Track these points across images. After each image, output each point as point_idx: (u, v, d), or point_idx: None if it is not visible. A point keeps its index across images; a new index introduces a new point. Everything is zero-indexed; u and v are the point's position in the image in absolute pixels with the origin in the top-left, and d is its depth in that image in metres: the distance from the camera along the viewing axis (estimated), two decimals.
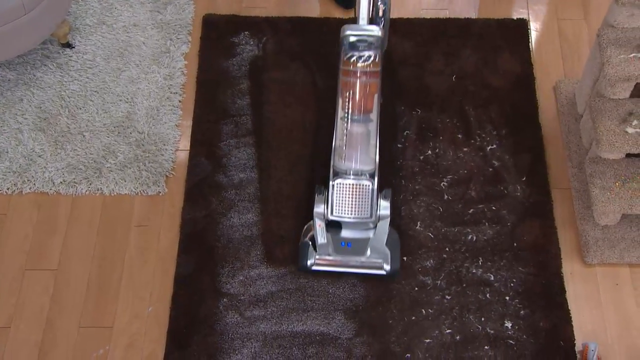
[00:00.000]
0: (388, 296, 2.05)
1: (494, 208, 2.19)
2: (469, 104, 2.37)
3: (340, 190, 1.98)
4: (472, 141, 2.30)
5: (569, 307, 2.02)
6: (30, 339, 2.01)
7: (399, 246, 2.07)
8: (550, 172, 2.26)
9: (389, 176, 2.23)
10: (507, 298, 2.04)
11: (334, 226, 2.03)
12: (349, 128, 1.96)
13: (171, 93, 2.41)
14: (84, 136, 2.33)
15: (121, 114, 2.38)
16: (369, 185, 1.97)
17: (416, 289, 2.06)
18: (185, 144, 2.34)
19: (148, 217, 2.22)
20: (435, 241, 2.14)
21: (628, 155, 2.01)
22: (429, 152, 2.30)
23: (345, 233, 2.05)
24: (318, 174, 2.23)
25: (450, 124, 2.34)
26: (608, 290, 2.05)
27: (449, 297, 2.05)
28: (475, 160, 2.27)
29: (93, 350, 2.00)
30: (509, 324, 2.00)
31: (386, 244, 2.04)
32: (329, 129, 2.15)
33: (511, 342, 1.97)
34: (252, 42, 2.51)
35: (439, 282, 2.07)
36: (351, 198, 1.98)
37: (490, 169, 2.25)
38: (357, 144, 1.96)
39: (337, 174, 1.98)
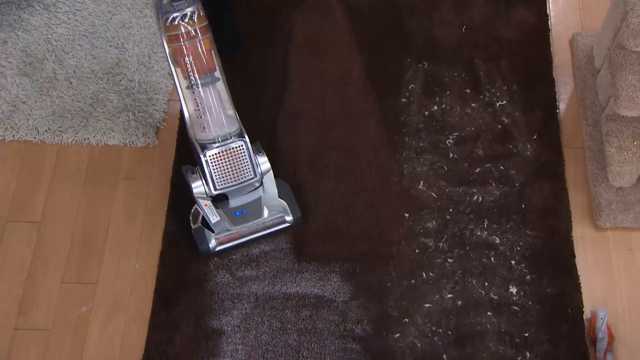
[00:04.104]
0: (386, 258, 1.96)
1: (502, 168, 2.08)
2: (479, 57, 2.27)
3: (215, 162, 1.85)
4: (481, 97, 2.20)
5: (578, 273, 1.93)
6: (10, 294, 1.94)
7: (292, 193, 2.03)
8: (563, 130, 2.16)
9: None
10: (513, 262, 1.95)
11: (219, 200, 1.96)
12: (198, 95, 1.80)
13: None
14: (70, 83, 2.22)
15: (111, 60, 2.27)
16: (242, 145, 1.86)
17: (417, 251, 1.97)
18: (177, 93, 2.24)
19: (137, 170, 2.12)
20: (438, 201, 2.04)
21: None
22: (435, 107, 2.19)
23: (234, 202, 1.97)
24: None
25: (458, 78, 2.23)
26: (620, 255, 1.96)
27: (451, 261, 1.95)
28: (484, 116, 2.16)
29: (76, 307, 1.92)
30: (513, 290, 1.91)
31: (280, 196, 1.99)
32: None
33: (516, 308, 1.88)
34: None
35: (441, 244, 1.98)
36: (229, 165, 1.87)
37: (500, 127, 2.15)
38: (213, 109, 1.82)
39: (204, 147, 1.85)
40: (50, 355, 1.86)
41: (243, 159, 1.87)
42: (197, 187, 1.88)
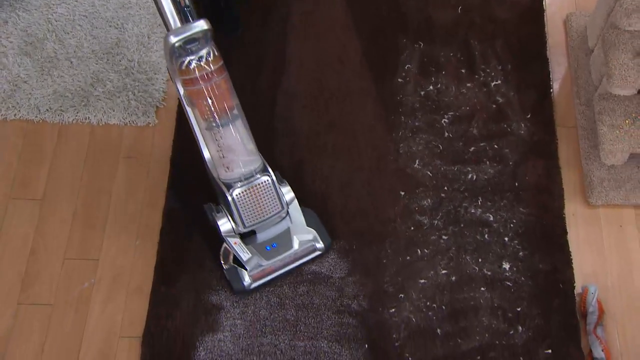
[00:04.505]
0: (382, 235, 1.99)
1: (496, 146, 2.11)
2: (474, 37, 2.28)
3: (242, 200, 1.80)
4: (476, 76, 2.21)
5: (570, 249, 1.96)
6: (13, 270, 1.97)
7: (319, 220, 1.97)
8: (556, 109, 2.17)
9: (388, 109, 2.15)
10: (506, 239, 1.97)
11: (246, 236, 1.92)
12: (220, 136, 1.73)
13: None
14: (71, 62, 2.24)
15: (110, 40, 2.28)
16: (267, 180, 1.81)
17: (412, 228, 2.00)
18: None
19: (137, 149, 2.14)
20: (433, 180, 2.07)
21: None
22: (431, 87, 2.21)
23: (262, 236, 1.93)
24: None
25: (453, 58, 2.24)
26: (611, 232, 1.99)
27: (445, 238, 1.98)
28: (479, 96, 2.18)
29: (78, 283, 1.95)
30: (507, 266, 1.94)
31: (307, 224, 1.94)
32: None
33: (508, 283, 1.91)
34: None
35: (436, 221, 2.01)
36: (256, 201, 1.81)
37: (494, 106, 2.17)
38: (235, 148, 1.76)
39: (229, 186, 1.79)
40: (53, 329, 1.89)
41: (269, 194, 1.82)
42: (224, 224, 1.85)
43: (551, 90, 2.21)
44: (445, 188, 2.06)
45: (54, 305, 1.92)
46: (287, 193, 1.89)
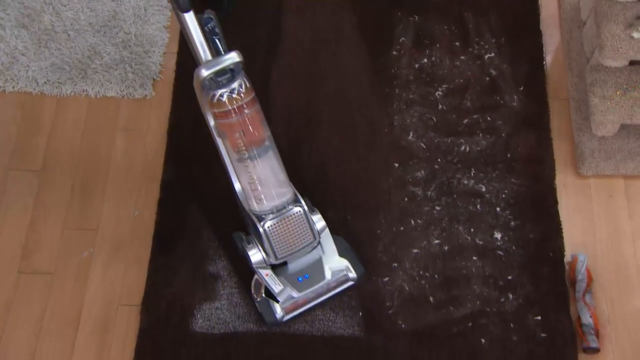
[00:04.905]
0: (377, 207, 2.02)
1: (489, 118, 2.13)
2: (469, 10, 2.29)
3: (274, 232, 1.75)
4: (470, 49, 2.23)
5: (560, 219, 1.99)
6: (13, 239, 2.00)
7: (351, 248, 1.92)
8: (549, 81, 2.19)
9: (381, 85, 2.17)
10: (498, 209, 2.01)
11: (277, 266, 1.86)
12: (252, 168, 1.69)
13: None
14: (68, 35, 2.25)
15: (107, 13, 2.29)
16: (299, 211, 1.77)
17: (406, 199, 2.03)
18: (173, 46, 2.27)
19: (135, 121, 2.17)
20: (427, 152, 2.09)
21: (631, 63, 1.93)
22: (425, 60, 2.22)
23: (293, 267, 1.87)
24: None
25: (448, 31, 2.26)
26: (601, 202, 2.02)
27: (438, 208, 2.01)
28: (472, 69, 2.20)
29: (77, 252, 1.98)
30: (498, 235, 1.97)
31: (339, 253, 1.89)
32: None
33: (500, 252, 1.95)
34: None
35: (429, 193, 2.04)
36: (288, 232, 1.77)
37: (487, 79, 2.19)
38: (267, 181, 1.72)
39: (260, 217, 1.75)
40: (54, 297, 1.93)
41: (301, 225, 1.78)
42: (255, 255, 1.81)
43: (544, 62, 2.22)
44: (439, 160, 2.09)
45: (54, 273, 1.96)
46: (318, 222, 1.83)
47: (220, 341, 1.87)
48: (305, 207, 1.78)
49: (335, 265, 1.89)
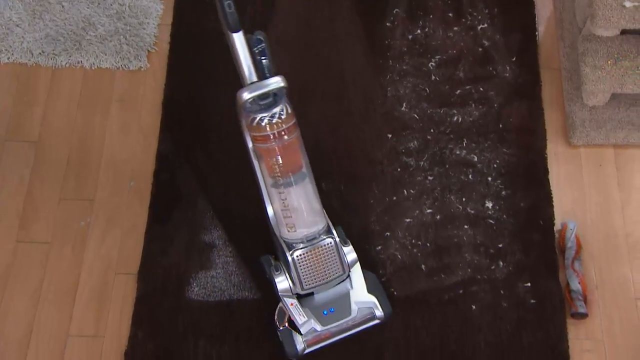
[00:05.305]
0: (370, 177, 2.04)
1: (481, 89, 2.14)
2: None
3: (303, 262, 1.72)
4: (463, 20, 2.23)
5: (551, 188, 2.01)
6: (11, 209, 2.02)
7: (380, 285, 1.86)
8: (541, 52, 2.21)
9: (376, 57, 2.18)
10: (490, 179, 2.03)
11: (303, 296, 1.81)
12: (286, 195, 1.65)
13: None
14: (62, 6, 2.25)
15: None
16: (331, 243, 1.72)
17: (399, 169, 2.05)
18: (168, 18, 2.27)
19: (130, 93, 2.18)
20: (420, 122, 2.11)
21: (623, 32, 1.94)
22: (419, 31, 2.23)
23: (319, 298, 1.81)
24: None
25: (441, 2, 2.26)
26: (591, 171, 2.04)
27: (431, 178, 2.04)
28: (465, 40, 2.21)
29: (74, 222, 2.00)
30: (489, 204, 2.00)
31: (368, 290, 1.82)
32: None
33: (491, 221, 1.97)
34: None
35: (422, 163, 2.05)
36: (317, 264, 1.73)
37: (480, 49, 2.20)
38: (301, 209, 1.67)
39: (290, 245, 1.71)
40: (51, 266, 1.95)
41: (331, 256, 1.73)
42: (281, 282, 1.76)
43: (536, 33, 2.23)
44: (432, 130, 2.10)
45: (52, 243, 1.98)
46: (350, 254, 1.78)
47: (216, 309, 1.89)
48: (337, 239, 1.74)
49: (363, 301, 1.82)
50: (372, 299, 1.82)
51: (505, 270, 1.92)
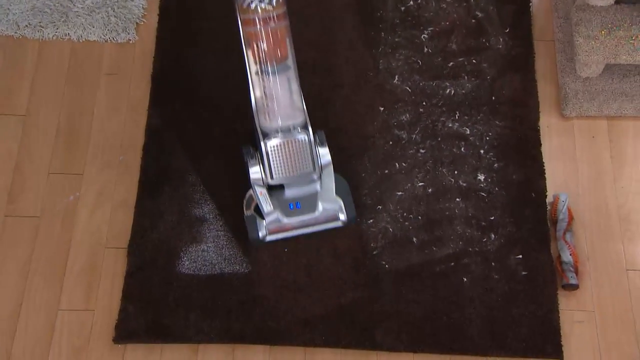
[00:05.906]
0: (362, 150, 2.03)
1: (474, 61, 2.12)
2: None
3: (275, 152, 1.79)
4: None
5: (543, 160, 2.00)
6: None
7: (349, 191, 1.93)
8: (534, 23, 2.19)
9: (369, 29, 2.15)
10: (482, 151, 2.02)
11: (275, 187, 1.89)
12: (267, 83, 1.72)
13: None
14: None
15: None
16: (305, 138, 1.79)
17: (390, 143, 2.04)
18: None
19: (118, 66, 2.15)
20: (412, 95, 2.09)
21: (617, 2, 1.92)
22: (411, 2, 2.21)
23: (289, 193, 1.89)
24: None
25: None
26: (584, 143, 2.03)
27: (423, 151, 2.02)
28: (458, 11, 2.19)
29: (63, 196, 1.99)
30: (481, 177, 1.99)
31: (337, 193, 1.90)
32: None
33: (483, 194, 1.97)
34: None
35: (414, 136, 2.04)
36: (289, 157, 1.80)
37: (473, 21, 2.17)
38: (280, 99, 1.74)
39: (266, 135, 1.78)
40: (41, 240, 1.94)
41: (303, 152, 1.80)
42: (255, 172, 1.82)
43: (530, 3, 2.21)
44: (424, 103, 2.09)
45: (41, 217, 1.97)
46: (324, 156, 1.85)
47: (207, 282, 1.89)
48: (311, 137, 1.80)
49: (329, 203, 1.91)
50: (339, 202, 1.91)
51: (497, 242, 1.91)
